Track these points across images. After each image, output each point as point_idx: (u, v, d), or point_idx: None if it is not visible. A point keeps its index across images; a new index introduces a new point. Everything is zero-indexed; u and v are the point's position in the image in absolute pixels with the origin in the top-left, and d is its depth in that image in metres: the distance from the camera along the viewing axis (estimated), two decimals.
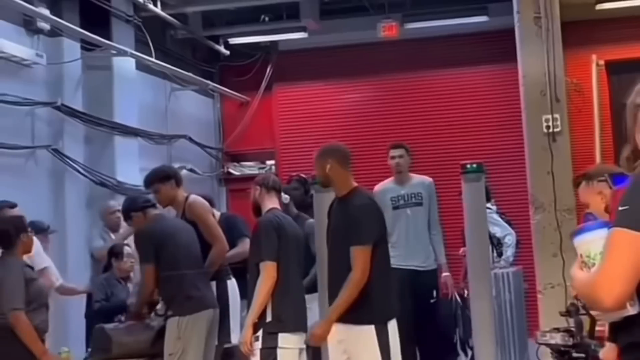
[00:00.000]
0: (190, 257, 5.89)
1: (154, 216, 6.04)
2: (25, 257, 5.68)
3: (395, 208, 7.30)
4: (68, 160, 8.42)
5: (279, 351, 5.13)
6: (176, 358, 5.63)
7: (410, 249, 7.24)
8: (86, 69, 8.88)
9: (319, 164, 5.06)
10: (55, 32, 8.34)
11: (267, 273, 5.11)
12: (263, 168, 12.23)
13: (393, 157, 7.37)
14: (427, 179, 7.48)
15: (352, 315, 4.79)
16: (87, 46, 8.82)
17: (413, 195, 7.33)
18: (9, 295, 5.27)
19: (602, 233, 2.32)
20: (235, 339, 6.02)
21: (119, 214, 7.18)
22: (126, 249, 7.09)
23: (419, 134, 11.51)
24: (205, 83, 11.60)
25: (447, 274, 7.52)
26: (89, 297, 7.35)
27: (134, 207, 6.08)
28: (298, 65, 12.22)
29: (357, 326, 4.81)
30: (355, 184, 5.04)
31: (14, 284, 5.29)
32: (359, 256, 4.76)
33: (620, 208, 2.25)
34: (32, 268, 5.77)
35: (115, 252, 7.06)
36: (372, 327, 4.77)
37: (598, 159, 8.98)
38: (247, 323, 5.17)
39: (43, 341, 5.43)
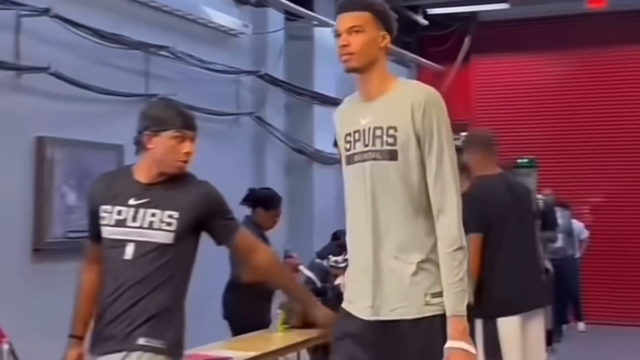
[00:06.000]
0: None
1: None
2: None
3: (349, 162, 2.94)
4: (269, 127, 8.74)
5: None
6: None
7: (366, 264, 2.85)
8: (289, 39, 9.15)
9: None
10: (261, 3, 8.65)
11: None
12: (457, 139, 12.10)
13: (337, 34, 2.86)
14: (423, 90, 2.88)
15: None
16: (290, 17, 9.07)
17: (380, 133, 2.86)
18: None
19: None
20: None
21: None
22: None
23: (619, 114, 11.06)
24: (402, 54, 11.61)
25: (463, 345, 2.70)
26: None
27: None
28: (497, 36, 12.02)
29: None
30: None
31: None
32: None
33: None
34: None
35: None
36: None
37: None
38: None
39: None
